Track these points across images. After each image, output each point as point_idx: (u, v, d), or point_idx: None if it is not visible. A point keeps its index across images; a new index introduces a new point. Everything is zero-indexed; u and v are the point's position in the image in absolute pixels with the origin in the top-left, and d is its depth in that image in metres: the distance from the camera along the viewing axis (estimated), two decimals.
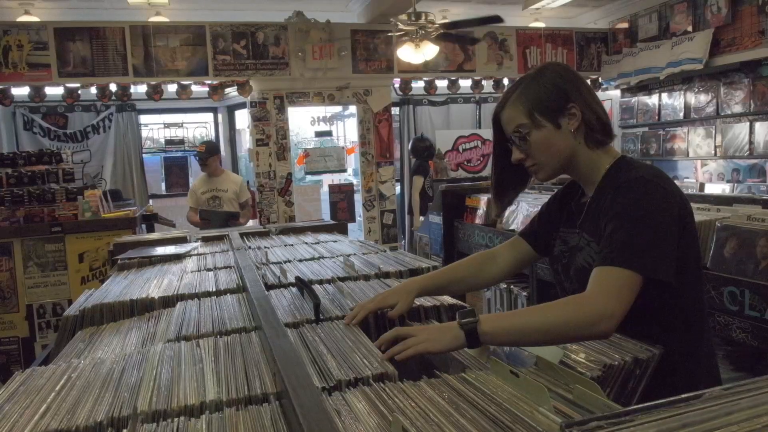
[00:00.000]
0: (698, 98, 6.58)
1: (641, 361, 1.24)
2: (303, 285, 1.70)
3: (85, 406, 1.04)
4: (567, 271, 1.51)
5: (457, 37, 6.20)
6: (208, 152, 5.43)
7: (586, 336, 1.24)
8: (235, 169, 8.02)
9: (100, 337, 1.57)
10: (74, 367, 1.27)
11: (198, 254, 2.65)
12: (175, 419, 0.95)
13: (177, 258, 2.57)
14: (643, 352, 1.25)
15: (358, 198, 7.47)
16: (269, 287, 1.83)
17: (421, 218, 5.80)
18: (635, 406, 0.63)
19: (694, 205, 2.02)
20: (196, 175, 7.70)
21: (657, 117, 7.12)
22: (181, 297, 1.82)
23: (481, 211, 4.35)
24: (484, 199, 4.34)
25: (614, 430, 0.60)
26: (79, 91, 6.33)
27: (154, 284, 2.03)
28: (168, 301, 1.81)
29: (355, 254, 2.36)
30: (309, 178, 7.66)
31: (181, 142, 7.65)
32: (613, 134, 1.48)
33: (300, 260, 2.30)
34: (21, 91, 6.24)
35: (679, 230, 1.31)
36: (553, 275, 1.61)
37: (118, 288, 2.04)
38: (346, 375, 1.09)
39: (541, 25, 7.87)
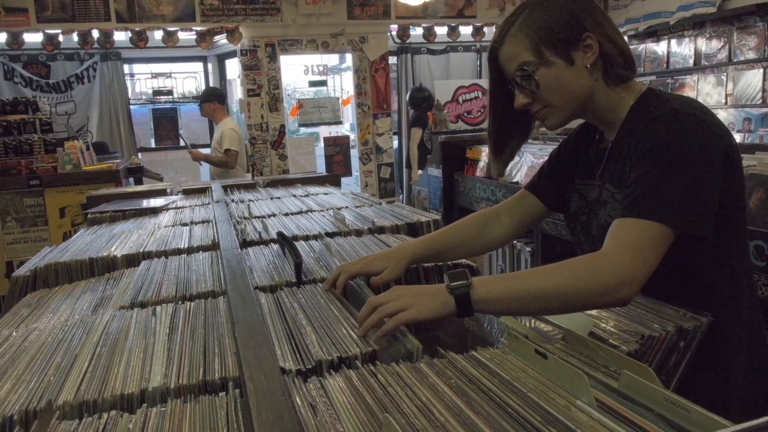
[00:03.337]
0: (709, 44, 6.27)
1: (686, 331, 1.02)
2: (284, 241, 1.48)
3: None
4: (587, 231, 1.27)
5: None
6: (202, 97, 5.41)
7: (601, 304, 1.02)
8: None
9: (48, 302, 1.35)
10: (3, 340, 1.05)
11: (176, 208, 2.43)
12: (104, 415, 0.74)
13: (153, 212, 2.37)
14: (688, 320, 1.04)
15: (354, 153, 7.20)
16: (247, 244, 1.61)
17: (420, 172, 5.57)
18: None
19: None
20: (186, 127, 7.43)
21: (665, 65, 6.80)
22: (148, 255, 1.61)
23: (482, 164, 4.11)
24: (485, 151, 4.10)
25: None
26: (60, 38, 6.02)
27: (120, 240, 1.81)
28: (132, 260, 1.60)
29: (347, 207, 2.14)
30: (303, 130, 7.36)
31: (170, 92, 7.29)
32: (635, 67, 1.22)
33: (286, 214, 2.08)
34: None
35: (724, 174, 1.08)
36: (571, 235, 1.37)
37: (80, 244, 1.82)
38: (328, 353, 0.88)
39: None
